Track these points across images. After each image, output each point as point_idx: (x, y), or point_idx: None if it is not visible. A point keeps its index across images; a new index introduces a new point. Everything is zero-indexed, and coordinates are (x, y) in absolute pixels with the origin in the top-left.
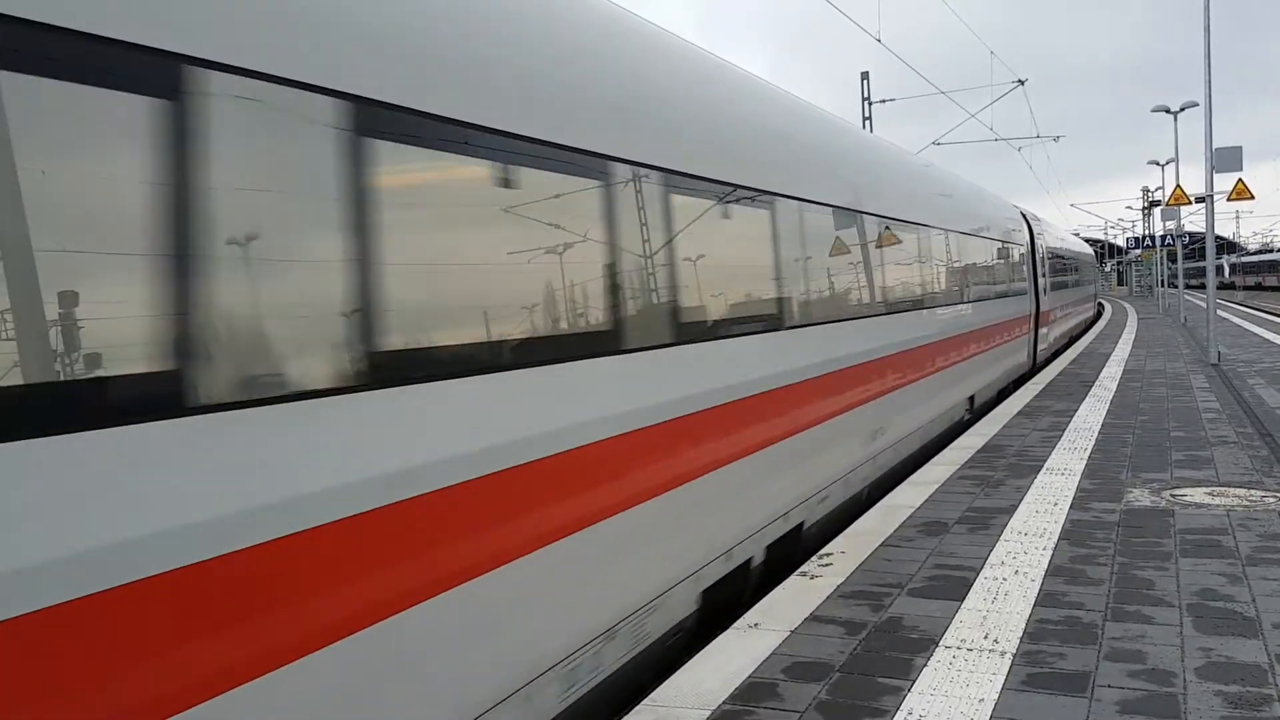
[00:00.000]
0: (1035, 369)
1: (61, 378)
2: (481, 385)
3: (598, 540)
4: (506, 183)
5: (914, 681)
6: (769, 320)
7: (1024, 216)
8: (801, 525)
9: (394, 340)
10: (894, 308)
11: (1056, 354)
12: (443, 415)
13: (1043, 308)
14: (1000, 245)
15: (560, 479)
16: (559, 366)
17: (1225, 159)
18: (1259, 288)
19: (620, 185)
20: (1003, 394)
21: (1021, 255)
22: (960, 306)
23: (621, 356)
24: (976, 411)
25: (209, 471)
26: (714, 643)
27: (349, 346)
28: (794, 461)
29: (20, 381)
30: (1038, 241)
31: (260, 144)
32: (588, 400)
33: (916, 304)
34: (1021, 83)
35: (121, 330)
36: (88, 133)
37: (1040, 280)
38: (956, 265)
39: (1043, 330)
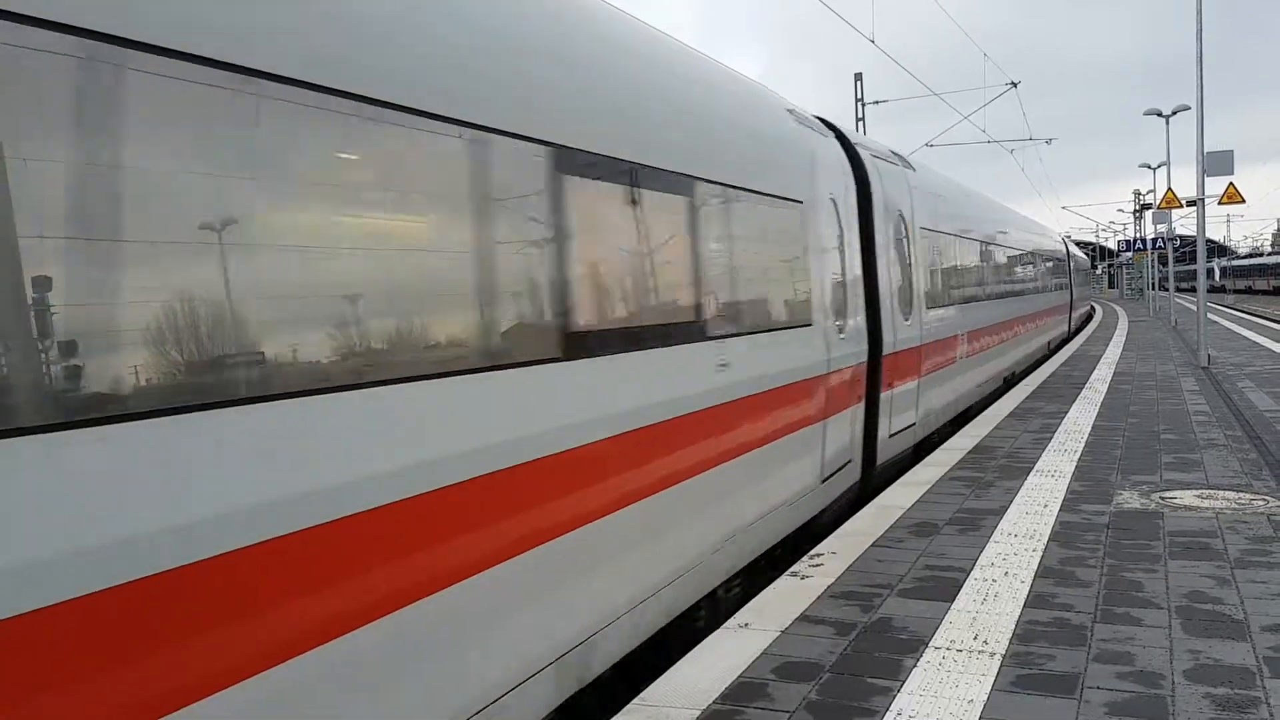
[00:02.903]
0: None
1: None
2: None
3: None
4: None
5: (903, 682)
6: None
7: None
8: None
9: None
10: None
11: None
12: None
13: None
14: None
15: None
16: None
17: (1216, 163)
18: (1249, 291)
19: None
20: None
21: None
22: None
23: None
24: None
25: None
26: (705, 642)
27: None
28: None
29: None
30: None
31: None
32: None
33: None
34: (1014, 85)
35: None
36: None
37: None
38: None
39: None
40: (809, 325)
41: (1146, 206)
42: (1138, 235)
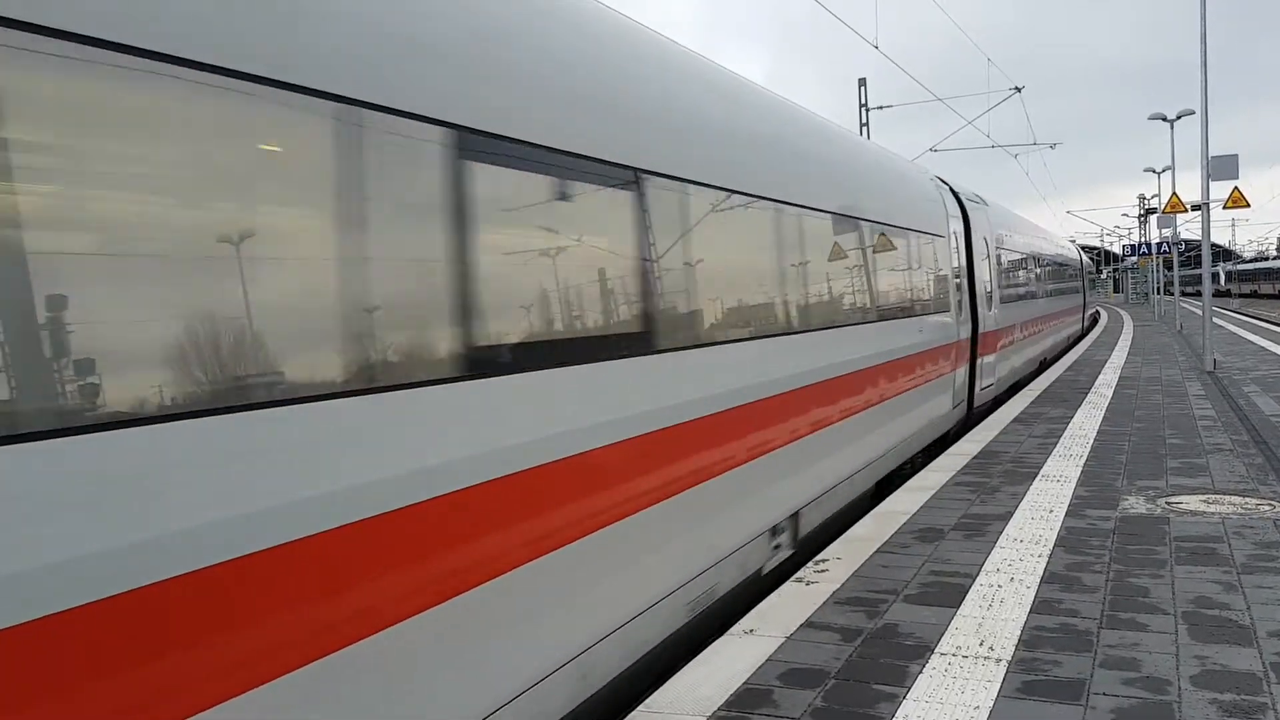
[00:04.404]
0: None
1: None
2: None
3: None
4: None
5: (909, 689)
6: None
7: None
8: None
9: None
10: None
11: None
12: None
13: None
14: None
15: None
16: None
17: (1221, 167)
18: (1255, 295)
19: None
20: None
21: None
22: None
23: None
24: None
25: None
26: (710, 648)
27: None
28: None
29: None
30: None
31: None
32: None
33: None
34: (1018, 90)
35: None
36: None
37: None
38: None
39: None
40: None
41: (1151, 211)
42: (1143, 240)
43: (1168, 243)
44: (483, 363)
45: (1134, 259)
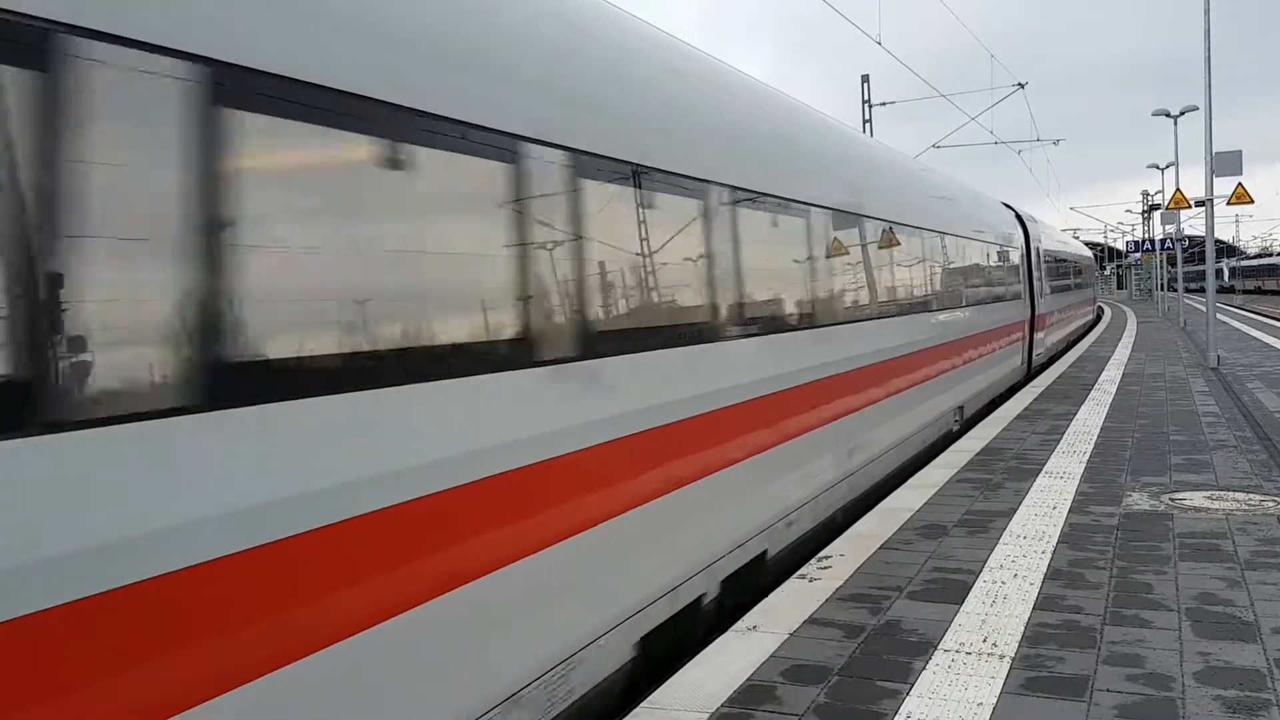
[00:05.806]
0: None
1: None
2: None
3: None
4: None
5: (912, 685)
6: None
7: None
8: None
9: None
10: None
11: None
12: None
13: None
14: None
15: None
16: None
17: (1225, 163)
18: (1259, 291)
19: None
20: None
21: None
22: None
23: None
24: None
25: None
26: (713, 644)
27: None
28: None
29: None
30: None
31: None
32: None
33: None
34: (1021, 86)
35: None
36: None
37: None
38: None
39: None
40: None
41: (1155, 207)
42: (1146, 236)
43: (1171, 239)
44: None
45: (1137, 255)
